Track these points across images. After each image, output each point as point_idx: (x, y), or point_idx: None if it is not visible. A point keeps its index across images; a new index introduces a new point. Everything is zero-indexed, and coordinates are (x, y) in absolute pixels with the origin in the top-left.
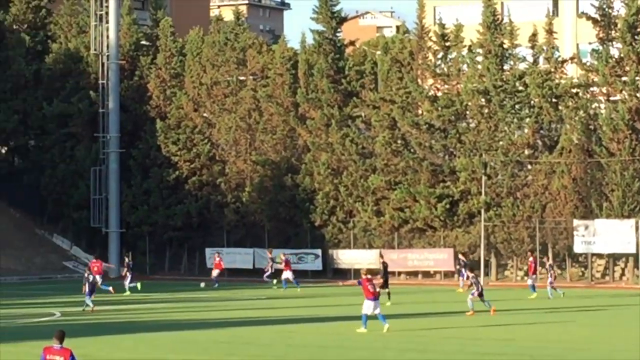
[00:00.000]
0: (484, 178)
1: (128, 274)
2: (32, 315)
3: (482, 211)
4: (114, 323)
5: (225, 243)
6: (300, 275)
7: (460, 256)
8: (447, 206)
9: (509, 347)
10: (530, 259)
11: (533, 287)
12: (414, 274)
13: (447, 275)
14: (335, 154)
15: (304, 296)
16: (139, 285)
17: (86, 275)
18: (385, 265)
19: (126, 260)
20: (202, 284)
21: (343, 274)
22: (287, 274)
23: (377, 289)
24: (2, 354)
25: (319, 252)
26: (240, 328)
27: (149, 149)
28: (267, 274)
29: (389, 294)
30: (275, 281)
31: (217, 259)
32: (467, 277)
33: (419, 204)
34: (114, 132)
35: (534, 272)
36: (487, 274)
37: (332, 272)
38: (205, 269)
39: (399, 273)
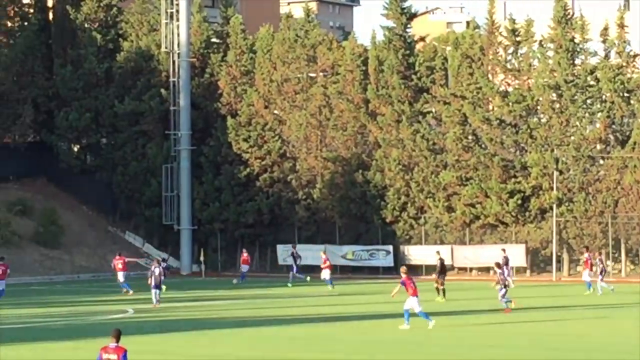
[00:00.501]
0: (555, 173)
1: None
2: (105, 312)
3: (554, 207)
4: (188, 320)
5: (296, 239)
6: (372, 272)
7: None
8: (519, 202)
9: (582, 342)
10: (586, 255)
11: (589, 284)
12: (486, 269)
13: (519, 271)
14: (406, 150)
15: (377, 292)
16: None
17: (152, 269)
18: (442, 262)
19: (159, 259)
20: (235, 280)
21: (414, 270)
22: (325, 273)
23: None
24: (76, 350)
25: (390, 248)
26: (315, 324)
27: (220, 146)
28: (295, 270)
29: (444, 290)
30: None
31: (245, 254)
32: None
33: (491, 200)
34: (185, 129)
35: (590, 268)
36: (559, 269)
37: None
38: (276, 265)
39: (471, 269)
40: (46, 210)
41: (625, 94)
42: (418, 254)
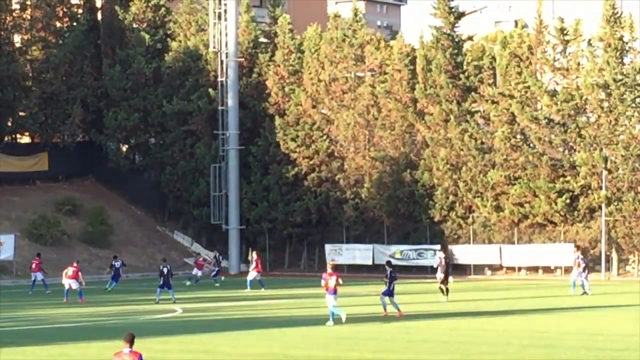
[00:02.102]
0: (604, 172)
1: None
2: (154, 311)
3: (603, 206)
4: (235, 319)
5: (344, 239)
6: (420, 271)
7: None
8: (567, 201)
9: (631, 342)
10: (576, 254)
11: (574, 284)
12: (534, 269)
13: (568, 270)
14: (454, 149)
15: (423, 292)
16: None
17: (160, 267)
18: (447, 261)
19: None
20: (188, 282)
21: (463, 269)
22: (253, 274)
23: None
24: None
25: (438, 247)
26: (361, 324)
27: (268, 145)
28: (213, 273)
29: (447, 290)
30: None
31: (201, 259)
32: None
33: (539, 199)
34: (233, 129)
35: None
36: (608, 269)
37: (451, 268)
38: (324, 265)
39: (519, 269)
40: (95, 210)
41: None
42: (466, 253)
